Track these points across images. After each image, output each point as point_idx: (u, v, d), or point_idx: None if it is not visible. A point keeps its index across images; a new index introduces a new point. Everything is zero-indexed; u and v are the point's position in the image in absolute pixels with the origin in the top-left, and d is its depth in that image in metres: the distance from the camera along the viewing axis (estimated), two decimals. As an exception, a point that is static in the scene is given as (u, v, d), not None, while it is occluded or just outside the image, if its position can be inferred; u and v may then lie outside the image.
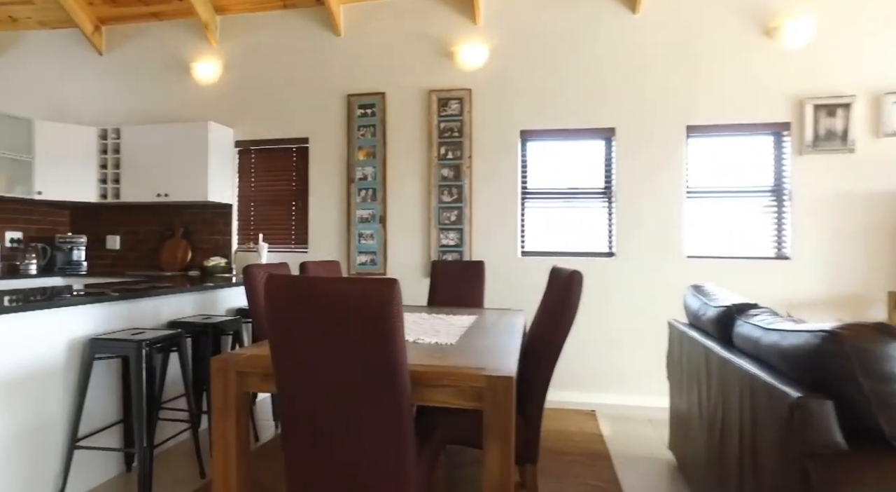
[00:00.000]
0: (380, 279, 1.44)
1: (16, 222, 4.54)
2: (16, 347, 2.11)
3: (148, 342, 2.30)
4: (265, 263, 2.34)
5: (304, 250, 4.39)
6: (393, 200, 4.21)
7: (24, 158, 4.27)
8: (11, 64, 5.10)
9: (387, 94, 4.23)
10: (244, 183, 4.59)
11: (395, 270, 4.19)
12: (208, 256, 4.57)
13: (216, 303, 3.35)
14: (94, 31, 4.84)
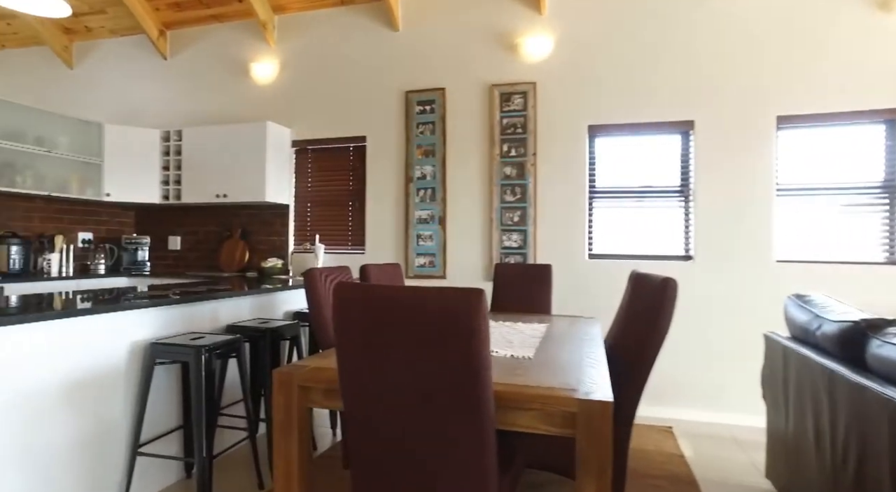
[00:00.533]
0: (463, 289, 1.26)
1: (87, 223, 4.66)
2: (79, 350, 2.07)
3: (207, 348, 2.22)
4: (326, 267, 2.21)
5: (361, 252, 4.29)
6: (453, 200, 4.04)
7: (94, 161, 4.37)
8: (86, 72, 5.26)
9: (446, 90, 4.07)
10: (301, 183, 4.53)
11: (454, 273, 4.02)
12: (265, 257, 4.55)
13: (274, 306, 3.27)
14: (160, 36, 4.92)
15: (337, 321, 1.37)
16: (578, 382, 1.55)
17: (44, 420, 1.94)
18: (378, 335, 1.32)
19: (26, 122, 3.95)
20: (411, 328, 1.27)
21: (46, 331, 1.96)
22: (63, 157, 4.16)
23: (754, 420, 3.41)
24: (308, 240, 4.47)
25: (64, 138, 4.19)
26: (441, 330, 1.26)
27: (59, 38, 5.23)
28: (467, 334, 1.25)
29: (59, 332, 2.00)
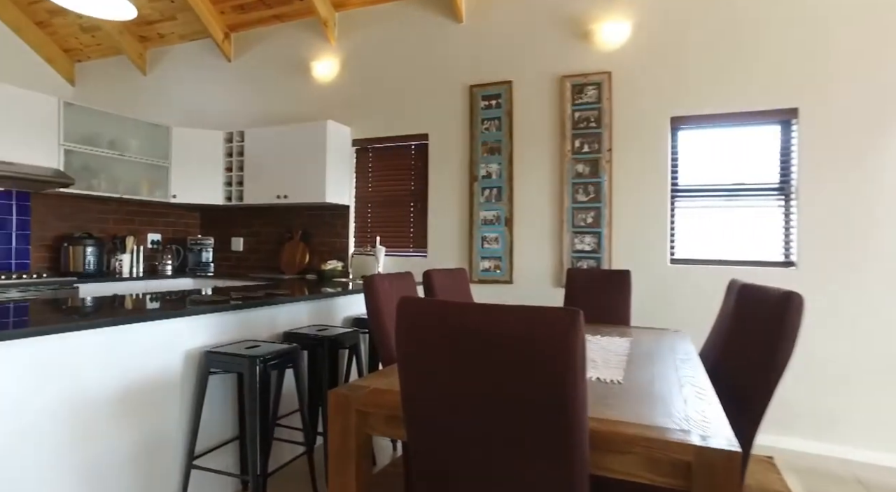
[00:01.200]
0: (557, 309, 1.02)
1: (156, 225, 4.75)
2: (135, 358, 1.98)
3: (262, 359, 2.08)
4: (388, 273, 2.02)
5: (423, 254, 4.11)
6: (520, 200, 3.79)
7: (162, 163, 4.43)
8: (158, 77, 5.40)
9: (513, 83, 3.82)
10: (361, 183, 4.41)
11: (521, 278, 3.76)
12: (325, 259, 4.46)
13: (333, 311, 3.14)
14: (224, 38, 4.95)
15: (401, 341, 1.17)
16: (687, 419, 1.28)
17: (100, 428, 1.86)
18: (450, 360, 1.11)
19: (102, 126, 4.04)
20: (492, 354, 1.05)
21: (104, 337, 1.88)
22: (134, 160, 4.23)
23: (881, 457, 2.95)
24: (368, 242, 4.35)
25: (135, 142, 4.26)
26: (528, 358, 1.02)
27: (134, 47, 5.39)
28: (561, 365, 1.01)
29: (115, 338, 1.92)
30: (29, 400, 1.66)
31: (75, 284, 3.55)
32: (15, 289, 3.24)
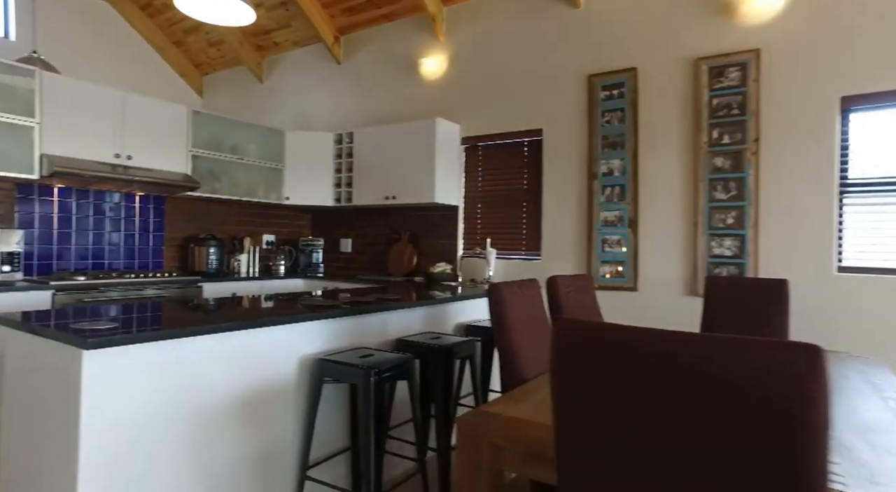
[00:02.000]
0: (787, 345, 0.74)
1: (270, 226, 4.91)
2: (251, 364, 1.93)
3: (377, 371, 1.95)
4: (513, 282, 1.80)
5: (537, 257, 3.85)
6: (646, 199, 3.41)
7: (277, 166, 4.56)
8: (273, 83, 5.62)
9: (638, 71, 3.45)
10: (470, 183, 4.24)
11: (647, 285, 3.38)
12: (433, 261, 4.34)
13: (444, 317, 2.98)
14: (335, 41, 5.02)
15: (561, 370, 0.93)
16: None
17: (218, 434, 1.82)
18: (633, 400, 0.86)
19: (224, 133, 4.21)
20: (695, 396, 0.79)
21: (223, 342, 1.84)
22: (252, 163, 4.38)
23: None
24: (478, 244, 4.16)
25: (253, 146, 4.41)
26: (747, 406, 0.75)
27: (253, 56, 5.65)
28: (794, 420, 0.73)
29: (234, 343, 1.87)
30: (155, 403, 1.64)
31: (199, 284, 3.70)
32: (151, 287, 3.43)
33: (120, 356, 1.56)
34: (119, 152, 3.55)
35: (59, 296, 3.03)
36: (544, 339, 1.96)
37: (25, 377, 1.75)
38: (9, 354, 1.84)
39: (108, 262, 3.82)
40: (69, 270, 3.63)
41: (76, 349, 1.48)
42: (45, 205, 3.51)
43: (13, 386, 1.81)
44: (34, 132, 3.18)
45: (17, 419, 1.79)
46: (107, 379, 1.53)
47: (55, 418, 1.58)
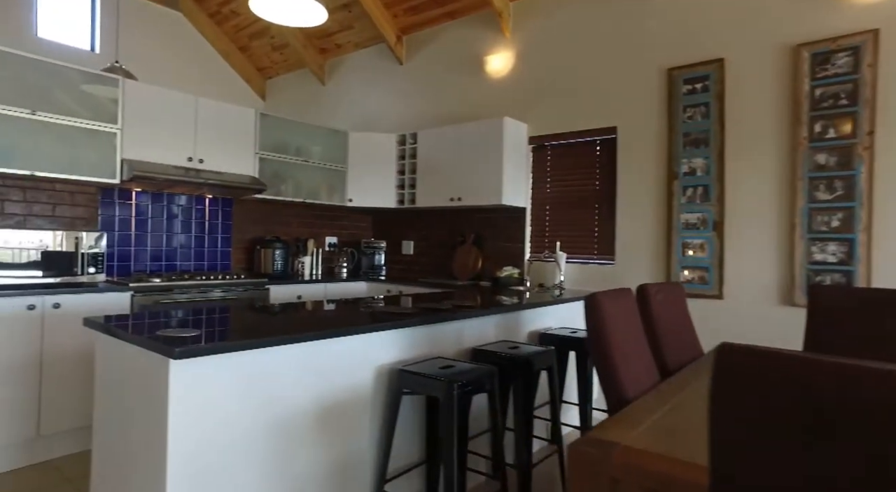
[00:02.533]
0: None
1: (333, 228, 4.91)
2: (329, 373, 1.86)
3: (461, 383, 1.83)
4: (608, 291, 1.64)
5: (610, 262, 3.65)
6: (734, 200, 3.15)
7: (340, 168, 4.55)
8: (335, 86, 5.64)
9: (726, 61, 3.19)
10: (538, 184, 4.08)
11: (735, 293, 3.13)
12: (499, 264, 4.20)
13: (518, 325, 2.84)
14: (397, 41, 4.97)
15: (723, 402, 0.78)
16: None
17: (297, 447, 1.75)
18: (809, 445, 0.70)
19: (289, 135, 4.23)
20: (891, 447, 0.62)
21: (301, 350, 1.77)
22: (316, 165, 4.38)
23: None
24: (546, 247, 4.00)
25: (317, 148, 4.41)
26: None
27: (316, 59, 5.69)
28: None
29: (311, 351, 1.80)
30: (238, 413, 1.59)
31: (266, 286, 3.71)
32: (218, 289, 3.46)
33: (206, 366, 1.51)
34: (192, 156, 3.61)
35: (138, 297, 3.08)
36: (643, 354, 1.79)
37: (114, 380, 1.74)
38: (98, 355, 1.84)
39: (179, 263, 3.90)
40: (144, 271, 3.72)
41: (163, 358, 1.44)
42: (123, 208, 3.61)
43: (103, 387, 1.81)
44: (116, 138, 3.26)
45: (108, 420, 1.78)
46: (193, 389, 1.48)
47: (143, 426, 1.55)
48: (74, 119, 3.10)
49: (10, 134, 2.89)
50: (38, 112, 2.97)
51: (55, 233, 2.89)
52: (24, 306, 2.70)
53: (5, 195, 3.15)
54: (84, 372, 2.89)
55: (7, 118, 2.88)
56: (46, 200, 3.30)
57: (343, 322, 1.91)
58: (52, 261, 2.89)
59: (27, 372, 2.71)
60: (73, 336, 2.86)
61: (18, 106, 2.91)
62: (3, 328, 2.63)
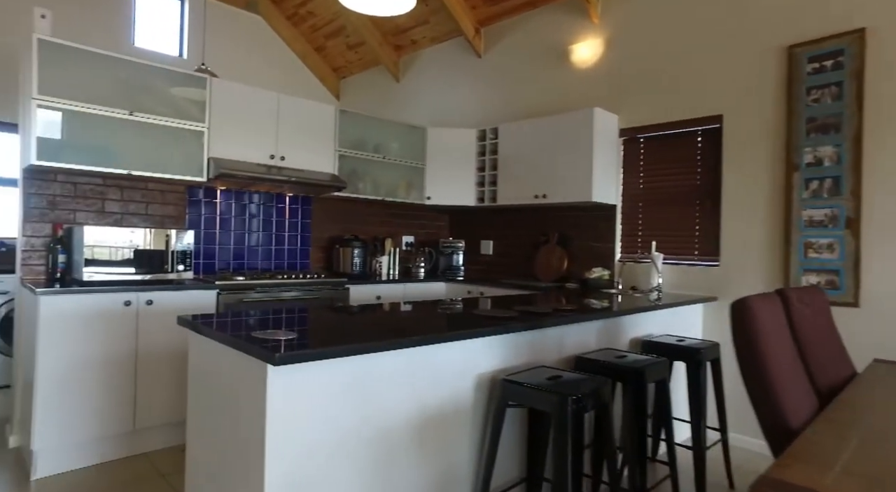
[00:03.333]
0: None
1: (410, 227, 4.81)
2: (429, 382, 1.71)
3: (575, 399, 1.63)
4: (760, 296, 1.39)
5: (713, 263, 3.31)
6: (873, 193, 2.75)
7: (418, 165, 4.44)
8: (409, 82, 5.55)
9: (867, 31, 2.79)
10: (629, 179, 3.78)
11: (875, 300, 2.72)
12: (586, 265, 3.94)
13: (618, 331, 2.59)
14: (475, 34, 4.80)
15: None
16: None
17: (396, 458, 1.61)
18: None
19: (367, 131, 4.16)
20: None
21: (401, 358, 1.63)
22: (394, 162, 4.29)
23: None
24: (638, 247, 3.70)
25: (396, 145, 4.32)
26: None
27: (390, 56, 5.62)
28: None
29: (411, 359, 1.66)
30: (337, 423, 1.46)
31: (346, 286, 3.64)
32: (299, 288, 3.41)
33: (306, 372, 1.39)
34: (274, 153, 3.59)
35: (223, 295, 3.08)
36: (799, 372, 1.51)
37: (208, 380, 1.66)
38: (192, 354, 1.78)
39: (260, 262, 3.91)
40: (227, 269, 3.75)
41: (262, 363, 1.33)
42: (207, 207, 3.65)
43: (197, 386, 1.74)
44: (203, 137, 3.29)
45: (202, 421, 1.71)
46: (293, 396, 1.36)
47: (238, 431, 1.46)
48: (167, 119, 3.14)
49: (110, 134, 2.95)
50: (136, 113, 3.02)
51: (147, 231, 2.93)
52: (122, 303, 2.74)
53: (105, 194, 3.24)
54: (175, 368, 2.91)
55: (108, 119, 2.94)
56: (140, 198, 3.37)
57: (443, 327, 1.76)
58: (144, 258, 2.93)
59: (124, 367, 2.75)
60: (165, 332, 2.88)
61: (118, 107, 2.97)
62: (102, 323, 2.68)
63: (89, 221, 3.18)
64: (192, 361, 1.77)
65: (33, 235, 3.01)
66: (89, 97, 2.88)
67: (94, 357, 2.66)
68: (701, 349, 2.39)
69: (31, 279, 2.95)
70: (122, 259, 2.85)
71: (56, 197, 3.09)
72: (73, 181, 3.13)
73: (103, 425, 2.69)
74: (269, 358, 1.27)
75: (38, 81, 2.73)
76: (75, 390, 2.61)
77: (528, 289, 3.64)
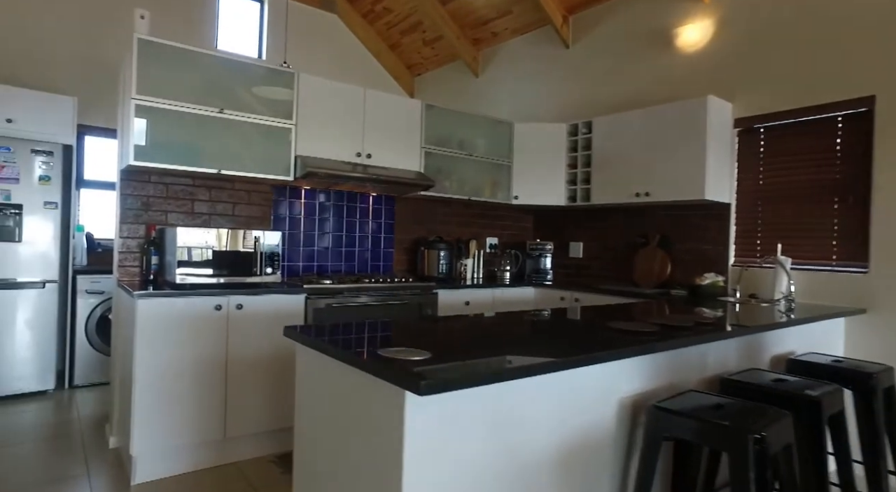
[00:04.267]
0: None
1: (493, 228, 4.57)
2: (568, 409, 1.46)
3: (759, 437, 1.33)
4: None
5: (860, 269, 2.86)
6: None
7: (504, 162, 4.20)
8: (489, 77, 5.32)
9: None
10: (746, 175, 3.38)
11: None
12: (691, 270, 3.56)
13: (759, 348, 2.24)
14: (563, 23, 4.51)
15: None
16: None
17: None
18: None
19: (452, 127, 3.95)
20: None
21: (544, 383, 1.39)
22: (480, 160, 4.06)
23: None
24: (757, 250, 3.29)
25: (481, 141, 4.09)
26: None
27: (469, 50, 5.41)
28: None
29: (552, 384, 1.41)
30: (473, 456, 1.24)
31: (434, 291, 3.45)
32: (388, 292, 3.24)
33: (449, 400, 1.18)
34: (360, 151, 3.45)
35: (311, 300, 2.95)
36: None
37: (320, 396, 1.49)
38: (302, 368, 1.61)
39: (343, 264, 3.78)
40: (311, 271, 3.64)
41: (398, 390, 1.13)
42: (292, 207, 3.56)
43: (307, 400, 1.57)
44: (291, 134, 3.18)
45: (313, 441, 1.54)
46: (433, 427, 1.16)
47: (364, 461, 1.26)
48: (255, 116, 3.05)
49: (200, 133, 2.89)
50: (226, 110, 2.95)
51: (234, 232, 2.84)
52: (213, 306, 2.66)
53: (194, 195, 3.20)
54: (264, 375, 2.81)
55: (199, 118, 2.88)
56: (227, 199, 3.32)
57: (589, 345, 1.50)
58: (233, 260, 2.84)
59: (214, 373, 2.66)
60: (254, 338, 2.78)
61: (209, 105, 2.90)
62: (194, 327, 2.60)
63: (179, 222, 3.15)
64: (303, 374, 1.60)
65: (129, 236, 3.00)
66: (182, 96, 2.82)
67: (187, 362, 2.59)
68: (873, 374, 2.00)
69: (126, 281, 2.93)
70: (212, 261, 2.77)
71: (149, 198, 3.06)
72: (164, 182, 3.10)
73: (196, 431, 2.61)
74: (411, 385, 1.06)
75: (137, 81, 2.69)
76: (170, 395, 2.54)
77: (629, 296, 3.32)
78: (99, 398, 3.71)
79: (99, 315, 3.97)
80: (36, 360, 3.71)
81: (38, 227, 3.71)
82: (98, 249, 4.39)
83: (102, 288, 3.99)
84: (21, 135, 3.64)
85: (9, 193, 3.61)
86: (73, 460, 2.71)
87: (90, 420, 3.28)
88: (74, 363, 3.92)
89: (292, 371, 2.90)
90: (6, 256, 3.60)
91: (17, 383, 3.65)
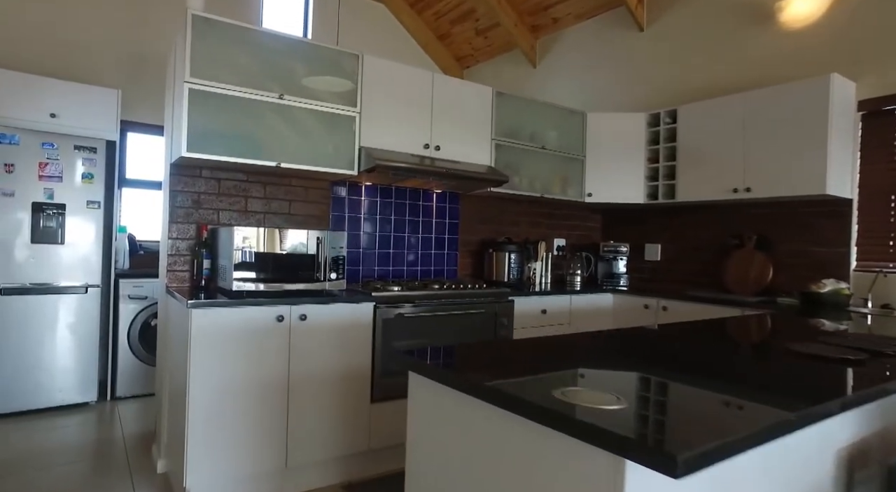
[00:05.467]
0: None
1: (560, 228, 4.19)
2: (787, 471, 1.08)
3: None
4: None
5: None
6: None
7: (577, 156, 3.82)
8: (550, 66, 4.96)
9: None
10: (871, 166, 2.95)
11: None
12: (798, 274, 3.13)
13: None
14: (637, 3, 4.11)
15: None
16: None
17: None
18: None
19: (523, 117, 3.59)
20: None
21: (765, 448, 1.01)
22: (550, 153, 3.69)
23: None
24: (886, 253, 2.85)
25: (553, 133, 3.72)
26: None
27: (527, 39, 5.05)
28: None
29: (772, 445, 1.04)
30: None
31: (509, 298, 3.08)
32: (460, 300, 2.88)
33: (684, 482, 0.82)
34: (428, 142, 3.12)
35: (380, 309, 2.62)
36: None
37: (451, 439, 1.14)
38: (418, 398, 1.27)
39: (406, 268, 3.45)
40: (372, 276, 3.32)
41: (614, 460, 0.77)
42: (351, 205, 3.24)
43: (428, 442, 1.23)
44: (355, 123, 2.86)
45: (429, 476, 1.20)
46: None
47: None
48: (317, 102, 2.73)
49: (257, 122, 2.59)
50: (285, 96, 2.64)
51: (293, 232, 2.53)
52: (274, 317, 2.34)
53: (248, 192, 2.90)
54: (330, 394, 2.48)
55: (257, 104, 2.58)
56: (283, 196, 3.01)
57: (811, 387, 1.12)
58: (293, 264, 2.52)
59: (275, 392, 2.34)
60: (319, 351, 2.46)
61: (267, 90, 2.60)
62: (253, 341, 2.29)
63: (232, 222, 2.85)
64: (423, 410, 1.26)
65: (178, 236, 2.71)
66: (239, 79, 2.52)
67: (246, 381, 2.28)
68: None
69: (175, 286, 2.64)
70: (271, 265, 2.46)
71: (200, 195, 2.77)
72: (216, 177, 2.81)
73: (256, 461, 2.30)
74: (654, 461, 0.70)
75: (191, 62, 2.39)
76: (228, 417, 2.23)
77: (729, 304, 2.91)
78: (143, 412, 3.45)
79: (142, 322, 3.72)
80: (78, 370, 3.46)
81: (80, 228, 3.47)
82: (140, 251, 4.14)
83: (145, 293, 3.73)
84: (64, 130, 3.41)
85: (52, 192, 3.37)
86: (120, 486, 2.43)
87: (135, 438, 3.01)
88: (117, 373, 3.67)
89: (361, 389, 2.57)
90: (49, 259, 3.37)
91: (59, 394, 3.40)
